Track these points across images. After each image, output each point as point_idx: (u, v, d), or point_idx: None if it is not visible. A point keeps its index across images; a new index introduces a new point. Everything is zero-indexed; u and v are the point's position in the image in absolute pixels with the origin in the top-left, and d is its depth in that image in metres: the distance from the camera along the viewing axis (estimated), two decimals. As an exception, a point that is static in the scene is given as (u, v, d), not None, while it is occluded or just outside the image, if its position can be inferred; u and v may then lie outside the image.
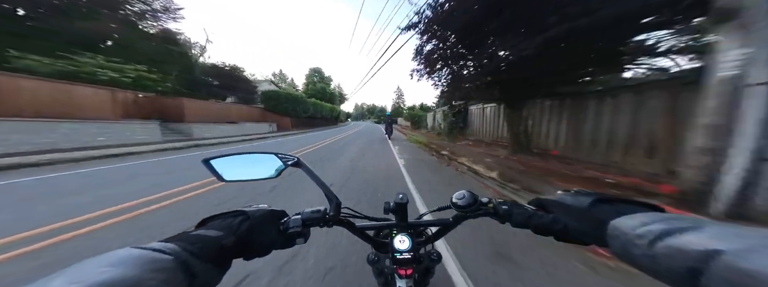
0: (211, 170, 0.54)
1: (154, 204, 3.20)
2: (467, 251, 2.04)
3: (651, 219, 0.31)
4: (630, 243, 0.30)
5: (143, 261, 0.26)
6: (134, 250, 0.27)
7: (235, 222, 0.42)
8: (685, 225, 0.27)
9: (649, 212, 0.33)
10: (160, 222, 2.70)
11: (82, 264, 0.24)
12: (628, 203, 0.39)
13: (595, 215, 0.38)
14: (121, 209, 3.00)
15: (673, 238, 0.26)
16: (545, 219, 0.46)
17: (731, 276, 0.21)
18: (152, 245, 0.30)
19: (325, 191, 0.55)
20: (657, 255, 0.27)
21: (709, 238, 0.24)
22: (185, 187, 4.00)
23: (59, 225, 2.55)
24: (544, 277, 1.79)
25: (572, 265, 1.91)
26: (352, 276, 1.74)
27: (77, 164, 5.99)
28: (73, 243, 2.23)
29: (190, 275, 0.29)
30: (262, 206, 0.49)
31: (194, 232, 0.37)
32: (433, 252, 0.65)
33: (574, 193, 0.45)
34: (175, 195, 3.59)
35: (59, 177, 4.70)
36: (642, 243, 0.29)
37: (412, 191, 3.94)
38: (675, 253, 0.25)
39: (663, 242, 0.27)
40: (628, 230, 0.31)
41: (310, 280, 1.71)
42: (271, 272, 1.77)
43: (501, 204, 0.53)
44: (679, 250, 0.25)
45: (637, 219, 0.32)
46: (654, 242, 0.27)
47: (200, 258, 0.31)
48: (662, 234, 0.27)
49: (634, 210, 0.35)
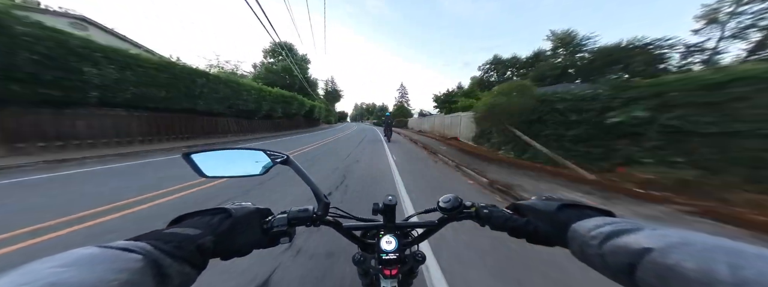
0: (190, 165, 0.52)
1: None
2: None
3: (603, 222, 0.34)
4: (585, 244, 0.34)
5: (105, 259, 0.24)
6: (96, 249, 0.26)
7: (214, 220, 0.41)
8: (628, 227, 0.31)
9: (602, 217, 0.38)
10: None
11: (33, 264, 0.22)
12: (587, 208, 0.43)
13: (560, 218, 0.42)
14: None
15: (618, 239, 0.30)
16: (519, 222, 0.48)
17: (657, 269, 0.25)
18: (118, 243, 0.28)
19: (313, 190, 0.54)
20: (605, 254, 0.31)
21: (643, 238, 0.28)
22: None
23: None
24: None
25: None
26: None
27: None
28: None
29: (161, 275, 0.28)
30: (245, 204, 0.48)
31: (168, 230, 0.36)
32: (418, 252, 0.64)
33: (545, 199, 0.49)
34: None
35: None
36: (594, 243, 0.32)
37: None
38: (618, 251, 0.29)
39: (610, 242, 0.31)
40: (584, 232, 0.35)
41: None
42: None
43: (482, 208, 0.55)
44: (621, 248, 0.29)
45: (592, 222, 0.36)
46: (603, 242, 0.31)
47: (174, 258, 0.30)
48: (610, 234, 0.31)
49: (591, 215, 0.40)
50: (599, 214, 0.41)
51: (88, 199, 3.25)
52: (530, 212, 0.49)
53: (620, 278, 0.29)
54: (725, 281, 0.20)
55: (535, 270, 1.98)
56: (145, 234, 0.33)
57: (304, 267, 1.92)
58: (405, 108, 70.92)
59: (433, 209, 0.59)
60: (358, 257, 0.63)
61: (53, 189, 3.76)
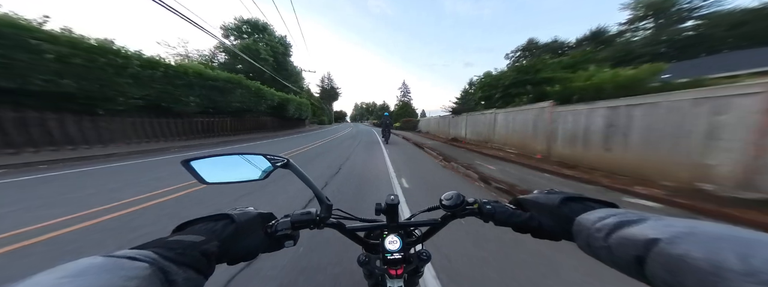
0: (190, 172, 0.51)
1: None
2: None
3: (607, 214, 0.34)
4: (591, 237, 0.33)
5: (112, 268, 0.24)
6: (101, 258, 0.25)
7: (217, 226, 0.41)
8: (632, 218, 0.31)
9: (606, 209, 0.37)
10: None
11: (38, 275, 0.22)
12: (590, 201, 0.42)
13: (564, 212, 0.41)
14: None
15: (623, 230, 0.30)
16: (523, 217, 0.48)
17: (665, 260, 0.24)
18: (123, 252, 0.28)
19: (315, 193, 0.54)
20: (611, 246, 0.30)
21: (649, 229, 0.27)
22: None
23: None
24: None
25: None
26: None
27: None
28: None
29: (169, 282, 0.28)
30: (248, 209, 0.48)
31: (172, 238, 0.35)
32: (422, 251, 0.63)
33: (547, 192, 0.48)
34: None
35: None
36: (600, 235, 0.32)
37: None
38: (625, 243, 0.28)
39: (616, 234, 0.30)
40: (589, 224, 0.34)
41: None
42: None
43: (485, 204, 0.54)
44: (627, 240, 0.28)
45: (596, 214, 0.35)
46: (609, 234, 0.31)
47: (179, 264, 0.30)
48: (615, 226, 0.31)
49: (594, 207, 0.39)
50: (602, 206, 0.40)
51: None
52: (533, 206, 0.48)
53: (630, 271, 0.29)
54: (735, 270, 0.20)
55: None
56: (149, 243, 0.33)
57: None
58: (409, 107, 58.92)
59: (436, 207, 0.58)
60: (363, 258, 0.63)
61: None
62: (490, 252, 2.05)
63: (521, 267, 1.87)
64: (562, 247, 0.95)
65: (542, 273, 1.81)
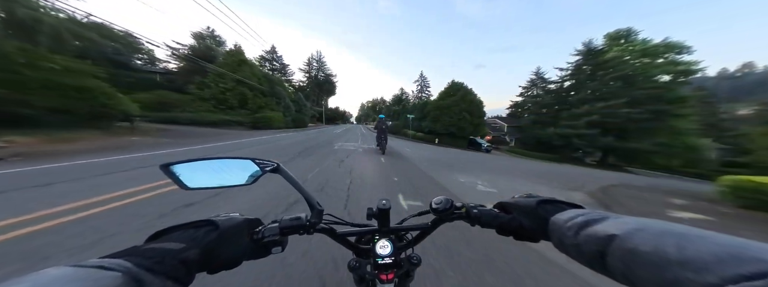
0: (170, 177, 0.48)
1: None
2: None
3: (575, 214, 0.37)
4: (563, 235, 0.37)
5: (79, 279, 0.23)
6: (69, 268, 0.24)
7: (199, 233, 0.39)
8: (596, 216, 0.35)
9: (575, 209, 0.41)
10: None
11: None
12: (561, 203, 0.47)
13: (540, 213, 0.45)
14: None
15: (589, 228, 0.33)
16: (506, 219, 0.51)
17: (621, 254, 0.28)
18: (92, 261, 0.27)
19: (306, 198, 0.54)
20: (579, 243, 0.33)
21: (609, 226, 0.31)
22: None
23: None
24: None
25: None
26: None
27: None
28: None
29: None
30: (233, 215, 0.46)
31: (147, 246, 0.34)
32: (413, 256, 0.65)
33: (526, 196, 0.52)
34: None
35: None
36: (570, 234, 0.35)
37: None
38: (590, 240, 0.32)
39: (583, 231, 0.33)
40: (561, 223, 0.38)
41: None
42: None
43: (472, 208, 0.55)
44: (592, 237, 0.32)
45: (567, 214, 0.39)
46: (577, 232, 0.34)
47: (155, 274, 0.29)
48: (582, 225, 0.34)
49: (565, 209, 0.43)
50: (571, 207, 0.44)
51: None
52: (514, 209, 0.51)
53: (594, 265, 0.32)
54: (673, 259, 0.23)
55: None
56: (122, 251, 0.32)
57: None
58: (425, 103, 37.88)
59: (427, 212, 0.59)
60: (354, 263, 0.63)
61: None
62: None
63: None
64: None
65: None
